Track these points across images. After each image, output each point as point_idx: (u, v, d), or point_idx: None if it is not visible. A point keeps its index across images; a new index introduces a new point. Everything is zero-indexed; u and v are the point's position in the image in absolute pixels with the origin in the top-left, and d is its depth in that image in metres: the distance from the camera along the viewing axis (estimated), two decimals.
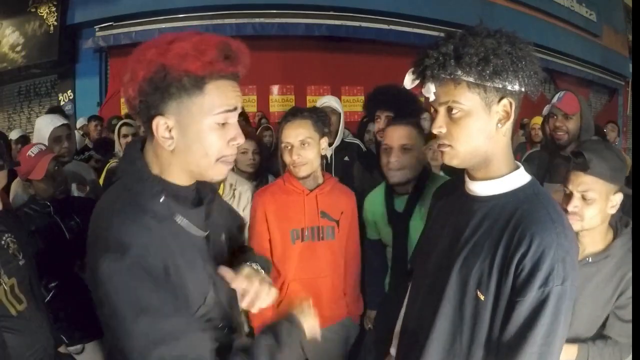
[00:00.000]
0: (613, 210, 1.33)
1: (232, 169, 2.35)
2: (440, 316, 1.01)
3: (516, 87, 0.91)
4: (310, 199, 1.79)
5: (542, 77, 0.94)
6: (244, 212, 2.03)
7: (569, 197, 1.34)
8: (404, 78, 0.99)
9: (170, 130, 0.83)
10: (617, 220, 1.41)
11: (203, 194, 0.97)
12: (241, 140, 0.88)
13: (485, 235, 0.95)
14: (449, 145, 0.96)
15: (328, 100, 3.02)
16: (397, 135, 1.77)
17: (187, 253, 0.87)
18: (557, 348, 0.88)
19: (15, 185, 2.38)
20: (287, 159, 1.75)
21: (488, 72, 0.88)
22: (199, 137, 0.84)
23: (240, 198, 2.13)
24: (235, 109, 0.86)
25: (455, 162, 0.97)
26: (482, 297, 0.94)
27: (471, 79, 0.89)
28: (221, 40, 0.82)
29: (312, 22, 6.03)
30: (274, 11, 5.99)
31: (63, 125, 2.58)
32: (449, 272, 1.00)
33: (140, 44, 0.85)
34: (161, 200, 0.85)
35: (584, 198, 1.31)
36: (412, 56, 0.98)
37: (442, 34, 0.94)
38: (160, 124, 0.83)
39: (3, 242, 1.54)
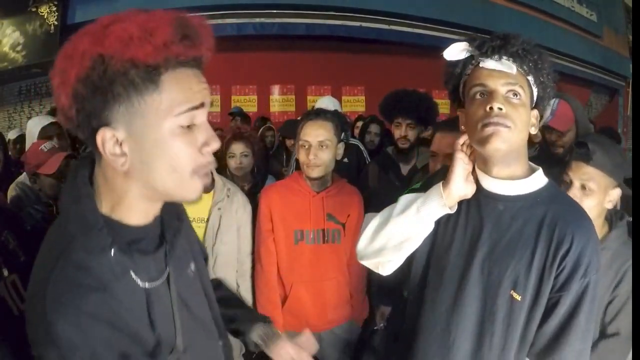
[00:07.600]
0: (610, 205, 1.35)
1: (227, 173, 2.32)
2: (464, 316, 1.01)
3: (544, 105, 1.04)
4: (317, 201, 1.77)
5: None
6: (237, 215, 1.96)
7: (568, 186, 1.37)
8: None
9: (120, 145, 0.65)
10: (612, 213, 1.43)
11: (167, 225, 0.78)
12: (216, 145, 0.70)
13: (517, 236, 0.99)
14: (509, 126, 0.92)
15: (327, 102, 3.01)
16: (446, 143, 1.66)
17: (142, 308, 0.71)
18: (593, 327, 0.98)
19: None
20: (302, 157, 1.72)
21: (542, 79, 1.00)
22: (160, 147, 0.65)
23: (232, 200, 1.99)
24: (202, 105, 0.68)
25: (505, 147, 0.93)
26: (518, 298, 0.97)
27: (531, 78, 0.98)
28: (176, 17, 0.63)
29: (313, 22, 6.01)
30: (275, 11, 5.98)
31: (52, 123, 2.56)
32: (469, 271, 1.00)
33: None
34: (112, 255, 0.66)
35: (583, 188, 1.33)
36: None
37: (441, 35, 0.97)
38: (106, 138, 0.64)
39: (3, 238, 1.53)
